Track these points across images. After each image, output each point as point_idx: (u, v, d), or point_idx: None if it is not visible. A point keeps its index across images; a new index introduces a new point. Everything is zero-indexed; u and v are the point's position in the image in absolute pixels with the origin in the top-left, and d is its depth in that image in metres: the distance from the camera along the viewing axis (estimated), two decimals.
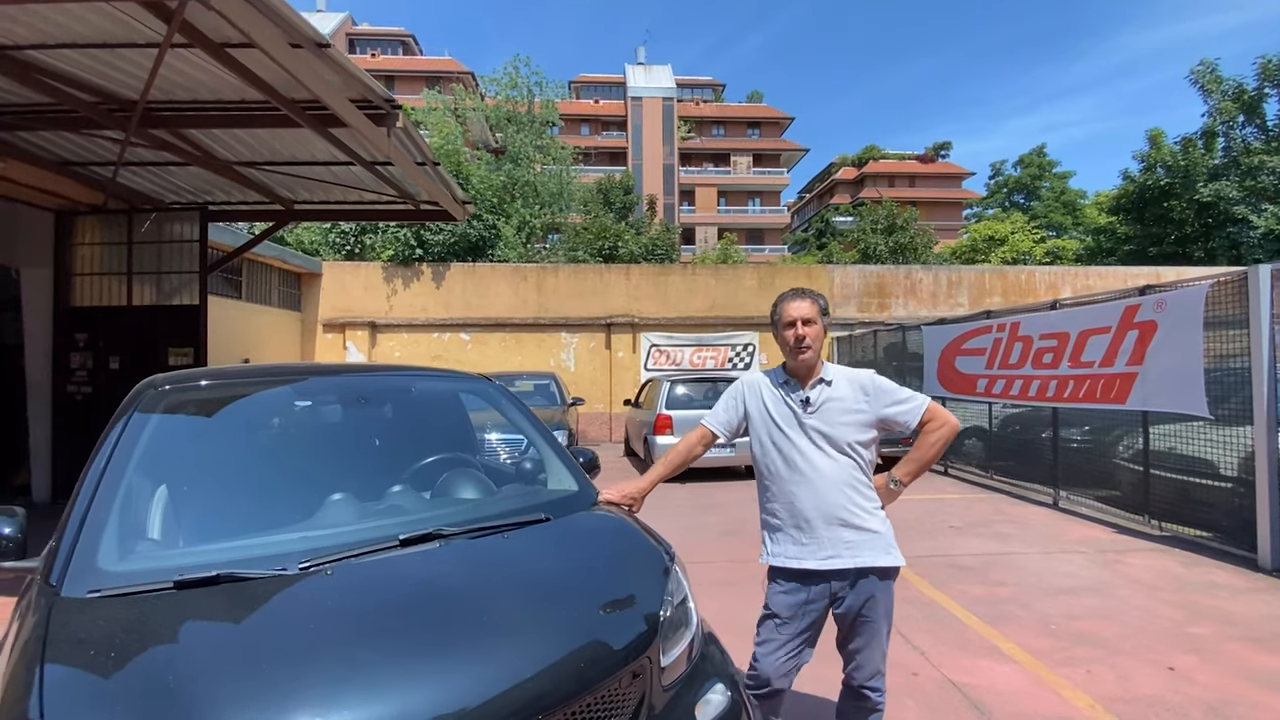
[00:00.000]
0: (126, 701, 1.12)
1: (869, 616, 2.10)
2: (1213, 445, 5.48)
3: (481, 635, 1.42)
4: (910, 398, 2.13)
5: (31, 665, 1.19)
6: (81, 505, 1.59)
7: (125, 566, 1.49)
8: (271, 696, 1.15)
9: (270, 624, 1.36)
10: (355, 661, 1.25)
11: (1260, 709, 2.78)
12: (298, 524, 1.80)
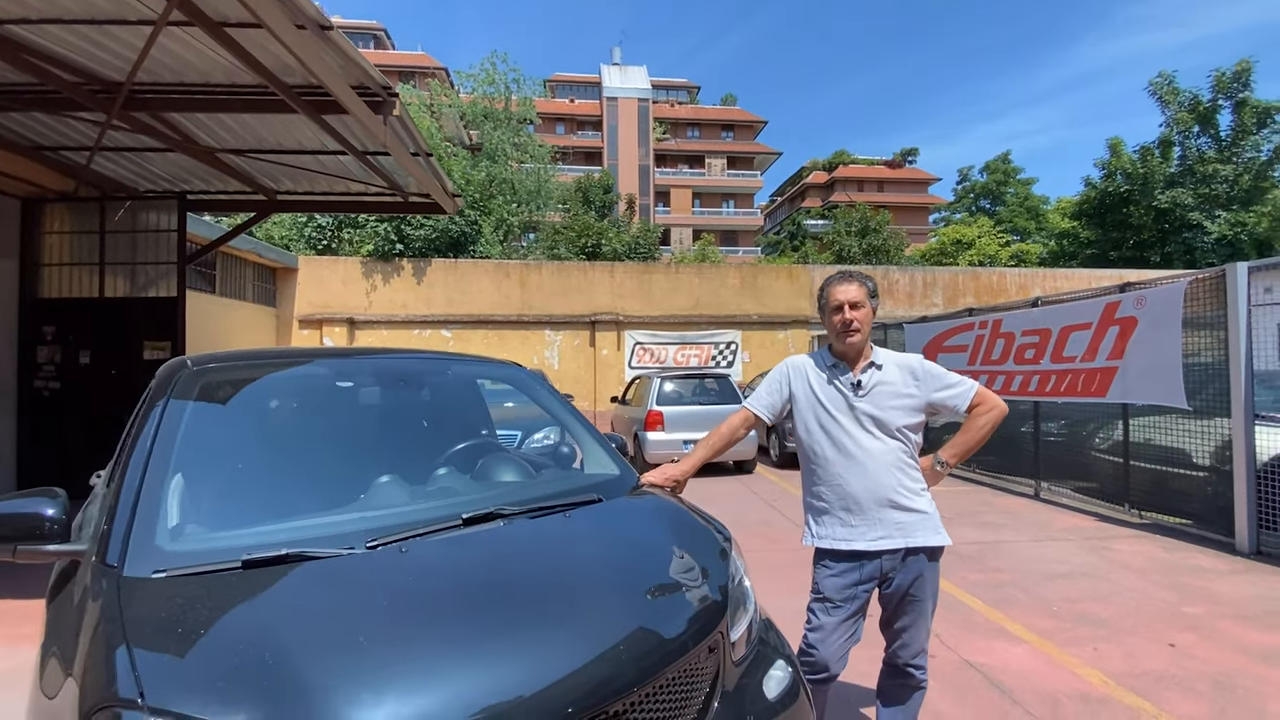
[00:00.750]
0: (227, 676, 1.07)
1: (917, 595, 2.13)
2: (1190, 436, 5.73)
3: (571, 610, 1.40)
4: (959, 382, 2.17)
5: (113, 644, 1.13)
6: (131, 487, 1.51)
7: (187, 547, 1.42)
8: (379, 672, 1.12)
9: (358, 601, 1.31)
10: (458, 635, 1.23)
11: (1263, 681, 2.92)
12: (352, 505, 1.75)
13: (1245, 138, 21.66)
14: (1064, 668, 3.10)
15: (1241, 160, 21.69)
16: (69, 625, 1.33)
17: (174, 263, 7.30)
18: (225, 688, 1.05)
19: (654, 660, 1.39)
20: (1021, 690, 2.88)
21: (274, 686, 1.06)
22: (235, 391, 1.93)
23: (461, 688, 1.14)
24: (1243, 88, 21.45)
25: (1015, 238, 35.82)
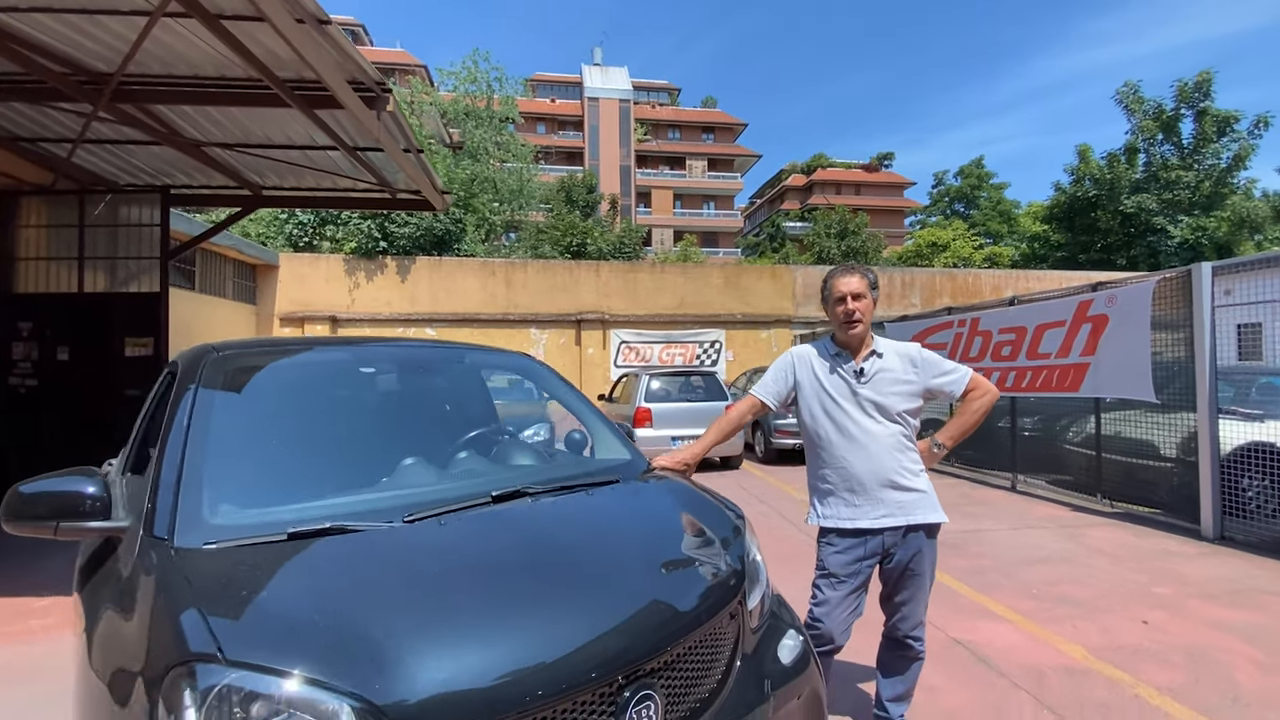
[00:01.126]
0: (295, 632, 1.13)
1: (916, 570, 2.25)
2: (1158, 429, 6.00)
3: (607, 576, 1.49)
4: (955, 369, 2.30)
5: (181, 607, 1.18)
6: (172, 465, 1.55)
7: (231, 521, 1.47)
8: (436, 627, 1.19)
9: (406, 567, 1.38)
10: (507, 595, 1.31)
11: (1231, 653, 3.11)
12: (382, 483, 1.81)
13: (1206, 145, 22.54)
14: (1046, 644, 3.26)
15: (1202, 167, 22.57)
16: (119, 598, 1.37)
17: (156, 258, 7.18)
18: (295, 641, 1.11)
19: (683, 623, 1.47)
20: (1008, 664, 3.03)
21: (340, 640, 1.12)
22: (261, 376, 1.97)
23: (516, 641, 1.22)
24: (1204, 97, 22.34)
25: (988, 240, 36.70)
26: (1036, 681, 2.86)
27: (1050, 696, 2.72)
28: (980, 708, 2.66)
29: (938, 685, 2.82)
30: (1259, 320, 6.24)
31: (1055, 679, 2.88)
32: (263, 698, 1.03)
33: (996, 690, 2.80)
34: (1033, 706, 2.66)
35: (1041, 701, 2.69)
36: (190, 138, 6.40)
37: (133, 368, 7.09)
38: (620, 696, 1.29)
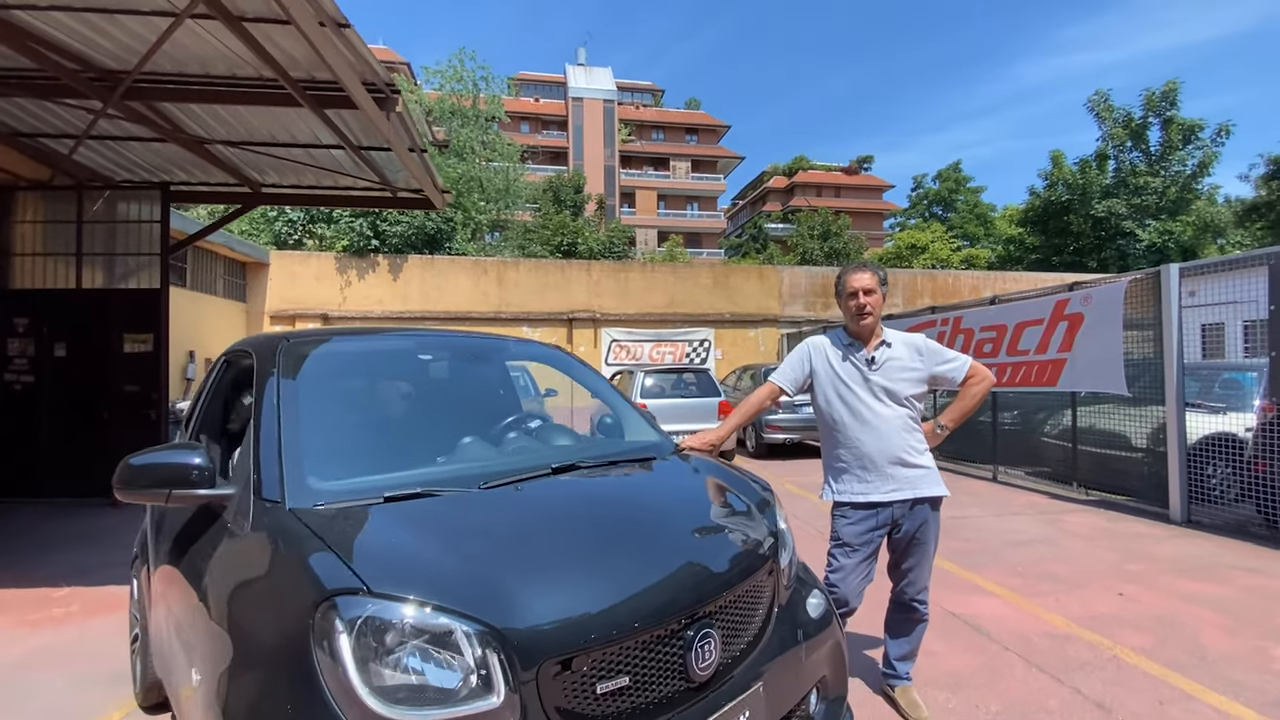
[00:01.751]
0: (423, 568, 1.31)
1: (922, 539, 2.48)
2: (1129, 422, 6.36)
3: (667, 536, 1.68)
4: (956, 357, 2.53)
5: (314, 552, 1.35)
6: (269, 440, 1.70)
7: (332, 487, 1.63)
8: (539, 565, 1.39)
9: (500, 521, 1.56)
10: (593, 544, 1.51)
11: (1196, 619, 3.41)
12: (450, 457, 1.99)
13: (1172, 152, 23.44)
14: (1031, 614, 3.53)
15: (1169, 173, 23.47)
16: (239, 556, 1.52)
17: (156, 254, 7.19)
18: (423, 577, 1.29)
19: (732, 575, 1.68)
20: (998, 632, 3.28)
21: (461, 577, 1.31)
22: (331, 362, 2.12)
23: (604, 581, 1.41)
24: (1170, 106, 23.22)
25: (966, 243, 37.58)
26: (1025, 645, 3.12)
27: (1038, 658, 2.98)
28: (977, 668, 2.90)
29: (938, 650, 3.06)
30: (1221, 320, 6.64)
31: (1042, 643, 3.14)
32: (402, 622, 1.21)
33: (990, 653, 3.05)
34: (1023, 666, 2.91)
35: (1030, 662, 2.94)
36: (194, 135, 6.44)
37: (131, 364, 7.11)
38: (685, 634, 1.49)
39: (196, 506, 1.79)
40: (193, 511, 1.82)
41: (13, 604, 4.00)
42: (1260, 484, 5.08)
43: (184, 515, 1.89)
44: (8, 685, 2.95)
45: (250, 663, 1.31)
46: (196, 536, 1.74)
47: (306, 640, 1.21)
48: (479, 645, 1.22)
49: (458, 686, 1.21)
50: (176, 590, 1.81)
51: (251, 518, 1.54)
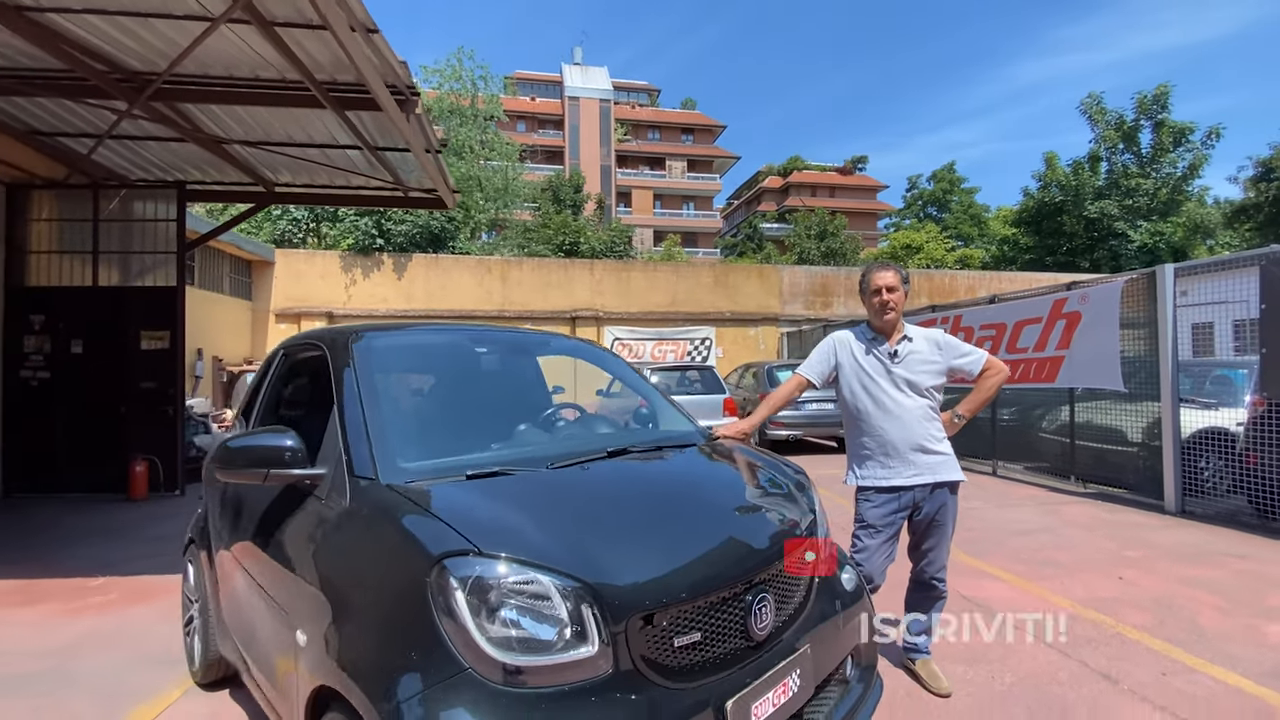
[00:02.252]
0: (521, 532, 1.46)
1: (941, 521, 2.65)
2: (1125, 417, 6.57)
3: (724, 512, 1.85)
4: (972, 351, 2.70)
5: (424, 519, 1.49)
6: (355, 424, 1.84)
7: (418, 465, 1.77)
8: (619, 528, 1.56)
9: (574, 495, 1.72)
10: (665, 515, 1.67)
11: (1193, 600, 3.60)
12: (514, 440, 2.14)
13: (1163, 155, 23.82)
14: (1038, 597, 3.71)
15: (1160, 175, 23.85)
16: (341, 527, 1.66)
17: (172, 252, 7.28)
18: (522, 540, 1.43)
19: (795, 534, 1.85)
20: (1008, 611, 3.46)
21: (555, 540, 1.46)
22: (398, 354, 2.26)
23: (677, 547, 1.58)
24: (1161, 109, 23.60)
25: (960, 243, 37.94)
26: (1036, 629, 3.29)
27: (1050, 642, 3.15)
28: (994, 648, 3.08)
29: (956, 641, 3.22)
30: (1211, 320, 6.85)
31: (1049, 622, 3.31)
32: (509, 580, 1.36)
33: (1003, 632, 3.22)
34: (1033, 640, 3.09)
35: (1043, 644, 3.12)
36: (212, 135, 6.54)
37: (148, 361, 7.19)
38: (745, 598, 1.65)
39: (284, 486, 1.92)
40: (279, 491, 1.96)
41: (52, 593, 4.11)
42: (1250, 476, 5.29)
43: (267, 496, 2.02)
44: (65, 667, 3.06)
45: (366, 620, 1.45)
46: (289, 513, 1.88)
47: (424, 597, 1.36)
48: (575, 600, 1.38)
49: (555, 638, 1.36)
50: (263, 564, 1.95)
51: (349, 494, 1.69)
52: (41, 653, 3.22)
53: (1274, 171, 25.38)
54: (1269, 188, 25.43)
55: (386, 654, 1.36)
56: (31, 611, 3.79)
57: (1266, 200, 25.68)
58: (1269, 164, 25.60)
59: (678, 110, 56.64)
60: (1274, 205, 25.58)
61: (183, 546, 3.13)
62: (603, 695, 1.35)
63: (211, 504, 2.72)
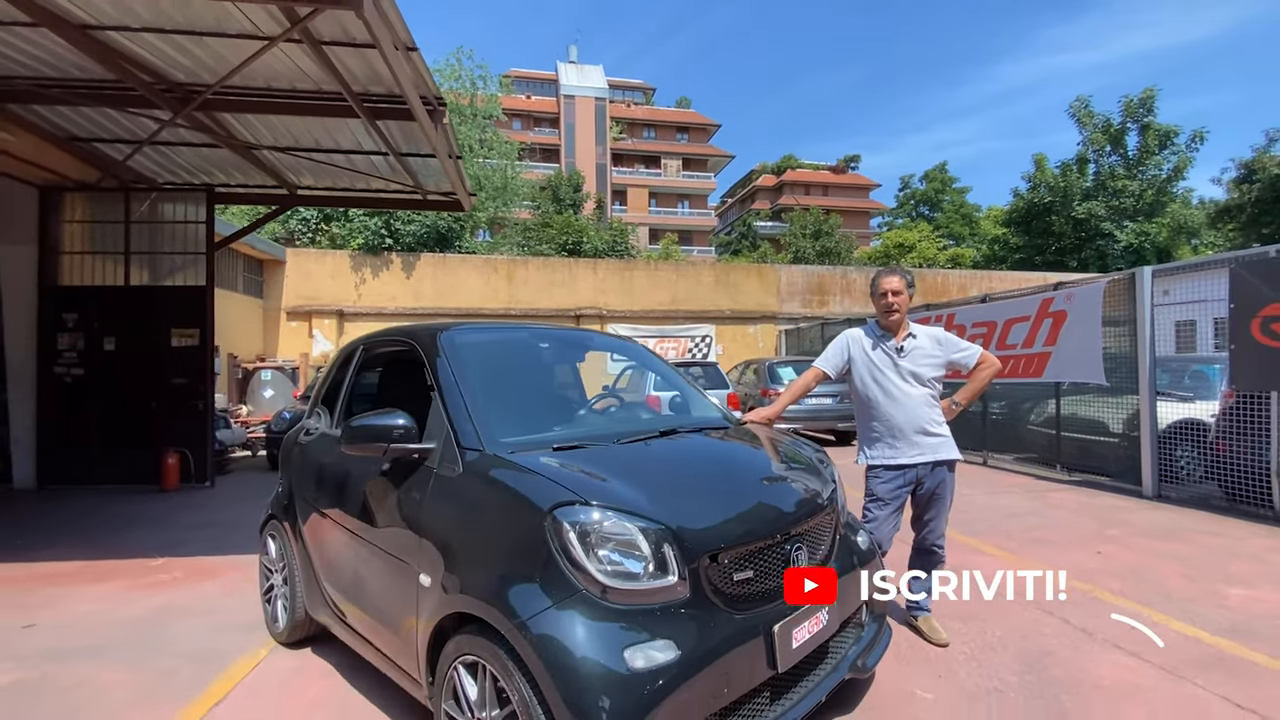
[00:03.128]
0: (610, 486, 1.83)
1: (940, 494, 3.03)
2: (1107, 410, 7.01)
3: (767, 479, 2.22)
4: (969, 347, 3.09)
5: (534, 477, 1.85)
6: (456, 405, 2.19)
7: (512, 438, 2.13)
8: (692, 491, 1.94)
9: (647, 463, 2.08)
10: (725, 477, 2.04)
11: (1163, 570, 4.01)
12: (580, 421, 2.51)
13: (1149, 157, 24.44)
14: (1026, 568, 4.10)
15: (1146, 177, 24.46)
16: (458, 490, 2.00)
17: (201, 253, 7.57)
18: (614, 492, 1.80)
19: (812, 508, 2.21)
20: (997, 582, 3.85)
21: (642, 493, 1.82)
22: (482, 348, 2.60)
23: (736, 502, 1.97)
24: (1147, 113, 24.21)
25: (951, 242, 38.53)
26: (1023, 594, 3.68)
27: (1035, 603, 3.55)
28: (987, 608, 3.46)
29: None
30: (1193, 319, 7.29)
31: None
32: (607, 523, 1.72)
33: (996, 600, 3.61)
34: (1020, 605, 3.48)
35: (1029, 605, 3.51)
36: (244, 141, 6.84)
37: (178, 357, 7.48)
38: (784, 547, 2.02)
39: (392, 460, 2.27)
40: (389, 464, 2.30)
41: (117, 572, 4.42)
42: (1220, 463, 5.73)
43: (374, 468, 2.36)
44: (153, 633, 3.38)
45: (493, 558, 1.81)
46: (401, 481, 2.21)
47: (542, 538, 1.72)
48: (657, 541, 1.74)
49: (642, 570, 1.73)
50: (374, 525, 2.30)
51: (461, 462, 2.04)
52: (128, 621, 3.54)
53: (1255, 173, 26.05)
54: (1250, 189, 26.10)
55: (514, 582, 1.72)
56: (104, 587, 4.10)
57: (1248, 201, 26.34)
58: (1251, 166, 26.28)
59: (672, 109, 56.94)
60: (1255, 206, 26.25)
61: (260, 524, 3.47)
62: (682, 614, 1.72)
63: (297, 482, 3.06)
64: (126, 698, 2.70)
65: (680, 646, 1.64)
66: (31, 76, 5.50)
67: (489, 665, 1.71)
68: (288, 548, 3.08)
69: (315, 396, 3.27)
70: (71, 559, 4.73)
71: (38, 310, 7.35)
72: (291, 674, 2.90)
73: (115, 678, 2.88)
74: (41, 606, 3.77)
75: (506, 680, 1.65)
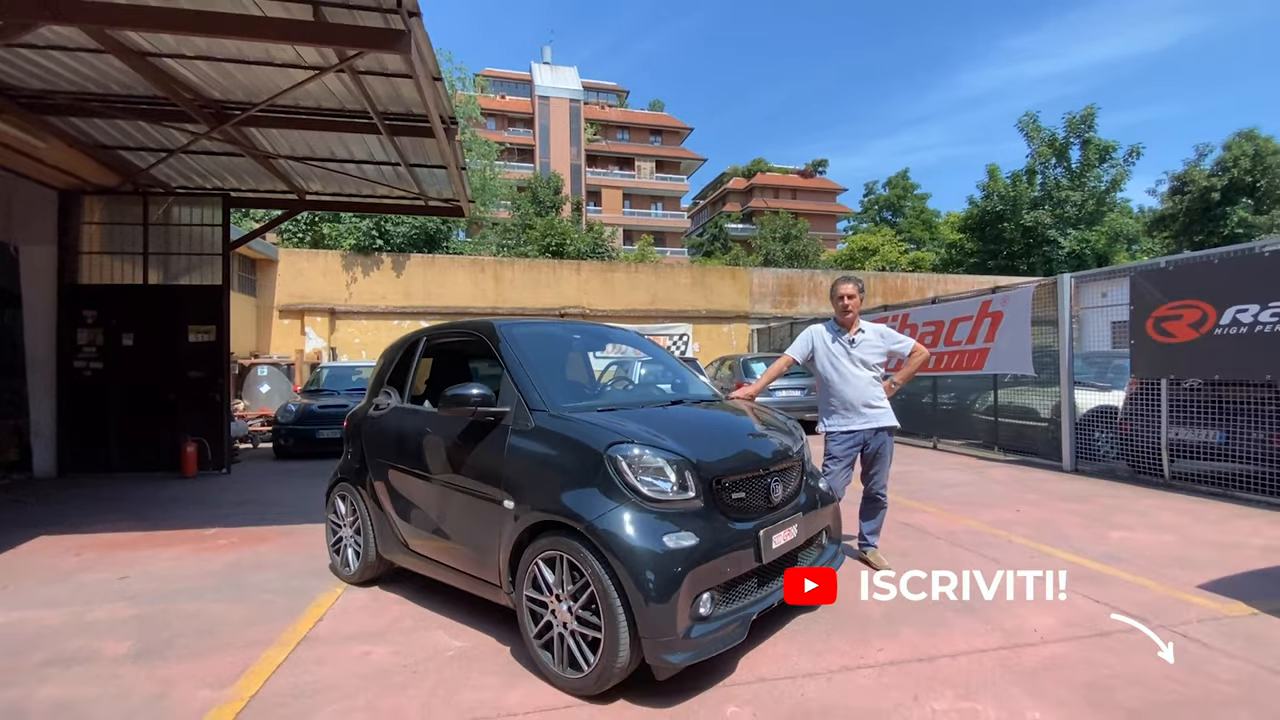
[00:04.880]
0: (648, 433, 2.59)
1: (882, 453, 3.89)
2: (1037, 398, 8.05)
3: (753, 433, 3.03)
4: (904, 340, 3.96)
5: (594, 425, 2.62)
6: (522, 378, 2.92)
7: (569, 404, 2.88)
8: (706, 437, 2.73)
9: (669, 420, 2.86)
10: (725, 429, 2.83)
11: (1066, 523, 4.97)
12: (604, 394, 3.27)
13: (1090, 170, 26.27)
14: (956, 522, 5.02)
15: (1087, 188, 26.28)
16: (531, 441, 2.75)
17: (218, 254, 8.06)
18: (654, 435, 2.58)
19: (787, 454, 3.03)
20: (932, 529, 4.75)
21: (670, 435, 2.60)
22: (533, 337, 3.33)
23: (739, 445, 2.76)
24: (1088, 129, 26.04)
25: (913, 246, 40.28)
26: (950, 537, 4.59)
27: (958, 541, 4.45)
28: (919, 546, 4.35)
29: (893, 542, 4.48)
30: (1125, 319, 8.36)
31: (961, 534, 4.62)
32: (649, 455, 2.49)
33: (927, 541, 4.50)
34: (948, 545, 4.37)
35: (954, 544, 4.41)
36: (263, 151, 7.38)
37: (195, 352, 7.96)
38: (766, 479, 2.82)
39: (469, 422, 3.00)
40: (465, 425, 3.03)
41: (178, 539, 4.98)
42: (1125, 440, 6.78)
43: (454, 429, 3.08)
44: (235, 580, 4.00)
45: (566, 482, 2.55)
46: (482, 436, 2.93)
47: (601, 467, 2.48)
48: (681, 469, 2.52)
49: (670, 488, 2.50)
50: (457, 471, 3.02)
51: (533, 418, 2.79)
52: (208, 574, 4.14)
53: (1187, 185, 28.21)
54: (1182, 200, 28.24)
55: (584, 496, 2.47)
56: (172, 550, 4.68)
57: (1181, 211, 28.50)
58: (1182, 179, 28.42)
59: (646, 111, 57.81)
60: (1187, 215, 28.41)
61: (327, 488, 4.13)
62: (698, 518, 2.50)
63: (369, 448, 3.74)
64: (242, 619, 3.35)
65: (698, 536, 2.43)
66: (74, 91, 5.99)
67: (566, 555, 2.46)
68: (359, 503, 3.76)
69: (378, 381, 3.95)
70: (127, 531, 5.26)
71: (58, 307, 7.74)
72: (370, 600, 3.59)
73: (222, 609, 3.52)
74: (125, 565, 4.34)
75: (581, 562, 2.40)
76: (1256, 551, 4.18)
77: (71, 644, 3.07)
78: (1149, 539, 4.50)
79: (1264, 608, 3.21)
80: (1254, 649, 2.76)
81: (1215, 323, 5.79)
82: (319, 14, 4.35)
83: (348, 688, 2.57)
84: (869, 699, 2.39)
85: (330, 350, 12.94)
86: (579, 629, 2.42)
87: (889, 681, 2.53)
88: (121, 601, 3.67)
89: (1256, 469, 5.54)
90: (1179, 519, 5.05)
